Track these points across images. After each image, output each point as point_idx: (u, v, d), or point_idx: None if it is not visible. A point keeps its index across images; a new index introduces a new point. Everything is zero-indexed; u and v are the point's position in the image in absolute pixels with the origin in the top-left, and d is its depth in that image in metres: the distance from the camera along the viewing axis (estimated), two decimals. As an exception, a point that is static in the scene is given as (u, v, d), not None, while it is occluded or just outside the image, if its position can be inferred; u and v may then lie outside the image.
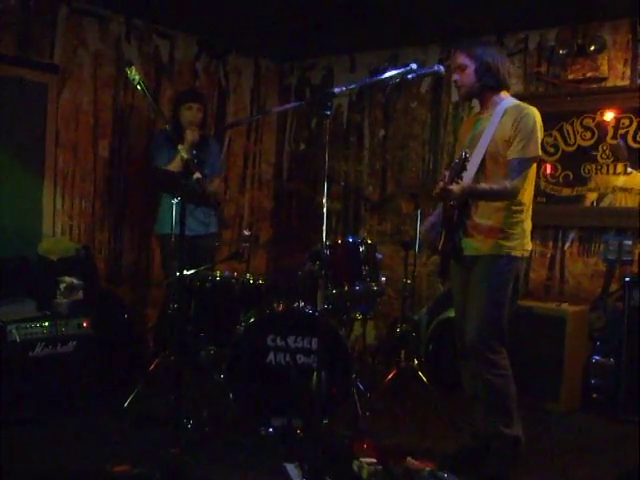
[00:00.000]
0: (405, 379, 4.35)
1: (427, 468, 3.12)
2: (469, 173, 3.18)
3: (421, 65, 3.11)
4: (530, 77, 5.12)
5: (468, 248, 3.26)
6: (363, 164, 5.98)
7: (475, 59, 3.18)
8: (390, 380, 4.32)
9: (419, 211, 4.34)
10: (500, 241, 3.17)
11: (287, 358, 3.67)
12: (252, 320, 3.76)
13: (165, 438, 3.08)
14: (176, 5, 4.82)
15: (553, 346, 4.34)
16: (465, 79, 3.23)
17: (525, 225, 3.23)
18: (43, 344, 3.80)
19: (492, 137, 3.17)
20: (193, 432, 3.54)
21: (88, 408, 3.87)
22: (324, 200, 2.90)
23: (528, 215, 3.26)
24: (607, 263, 4.77)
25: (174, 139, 4.14)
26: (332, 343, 3.63)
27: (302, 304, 3.84)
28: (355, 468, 3.13)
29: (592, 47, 4.75)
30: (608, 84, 4.79)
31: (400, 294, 4.86)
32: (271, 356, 3.67)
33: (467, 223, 3.24)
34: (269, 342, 3.68)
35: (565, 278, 4.98)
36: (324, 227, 2.89)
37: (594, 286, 4.83)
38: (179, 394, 3.10)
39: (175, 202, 3.76)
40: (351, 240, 4.18)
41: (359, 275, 4.03)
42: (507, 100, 3.24)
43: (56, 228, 4.82)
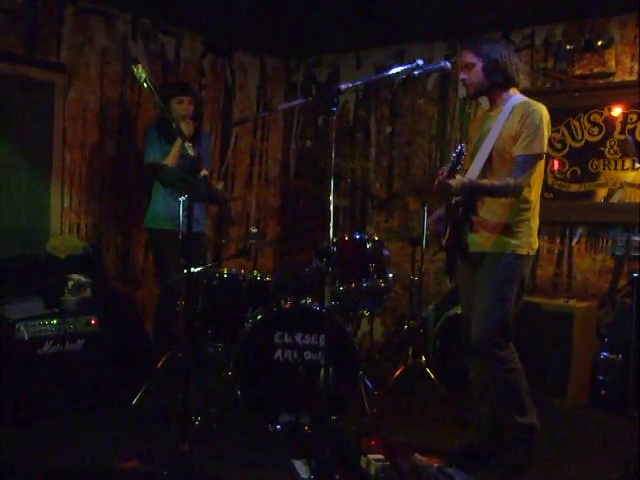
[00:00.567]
0: (413, 376, 4.36)
1: (435, 464, 3.11)
2: (476, 169, 3.17)
3: (427, 61, 3.10)
4: (537, 73, 5.10)
5: (473, 244, 3.26)
6: (370, 161, 5.97)
7: (482, 57, 3.17)
8: (398, 377, 4.33)
9: (426, 208, 4.33)
10: (506, 238, 3.16)
11: (295, 355, 3.68)
12: (259, 317, 3.77)
13: (173, 435, 3.09)
14: (182, 3, 4.82)
15: (561, 342, 4.33)
16: (473, 77, 3.21)
17: (532, 223, 3.21)
18: (51, 342, 3.81)
19: (499, 134, 3.16)
20: (201, 429, 3.55)
21: (96, 405, 3.88)
22: (331, 197, 2.91)
23: (535, 213, 3.24)
24: (615, 259, 4.75)
25: (174, 134, 4.09)
26: (339, 340, 3.64)
27: (309, 301, 3.84)
28: (363, 464, 3.13)
29: (599, 42, 4.73)
30: (615, 79, 4.76)
31: (407, 291, 4.86)
32: (279, 353, 3.68)
33: (473, 219, 3.24)
34: (276, 339, 3.68)
35: (573, 274, 4.97)
36: (331, 224, 2.89)
37: (602, 282, 4.81)
38: (187, 391, 3.10)
39: (182, 199, 3.75)
40: (358, 237, 4.18)
41: (366, 272, 4.03)
42: (516, 97, 3.23)
43: (64, 226, 4.84)
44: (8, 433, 3.41)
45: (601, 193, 4.84)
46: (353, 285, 3.99)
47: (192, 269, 3.69)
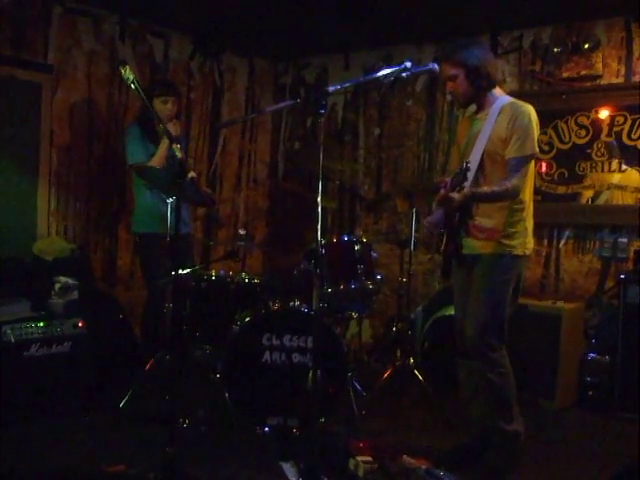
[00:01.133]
0: (401, 377, 4.36)
1: (423, 466, 3.12)
2: (469, 175, 3.18)
3: (416, 63, 3.11)
4: (525, 75, 5.12)
5: (469, 247, 3.26)
6: (358, 163, 5.98)
7: (462, 66, 3.18)
8: (386, 378, 4.32)
9: (414, 210, 4.34)
10: (502, 240, 3.18)
11: (283, 357, 3.67)
12: (247, 319, 3.76)
13: (161, 438, 3.07)
14: (170, 4, 4.81)
15: (548, 344, 4.34)
16: (459, 88, 3.23)
17: (527, 223, 3.24)
18: (38, 344, 3.79)
19: (489, 137, 3.18)
20: (189, 432, 3.54)
21: (83, 408, 3.85)
22: (319, 199, 2.90)
23: (529, 213, 3.27)
24: (602, 260, 4.78)
25: (158, 134, 4.06)
26: (328, 342, 3.63)
27: (297, 303, 3.84)
28: (351, 467, 3.14)
29: (586, 45, 4.76)
30: (602, 82, 4.79)
31: (396, 292, 4.86)
32: (267, 355, 3.67)
33: (469, 223, 3.25)
34: (264, 341, 3.67)
35: (560, 276, 4.99)
36: (319, 226, 2.89)
37: (589, 284, 4.84)
38: (175, 394, 3.09)
39: (170, 201, 3.74)
40: (346, 239, 4.18)
41: (354, 274, 4.04)
42: (502, 98, 3.24)
43: (51, 228, 4.81)
44: (-7, 436, 3.39)
45: (586, 195, 4.87)
46: (341, 287, 3.99)
47: (180, 271, 3.68)
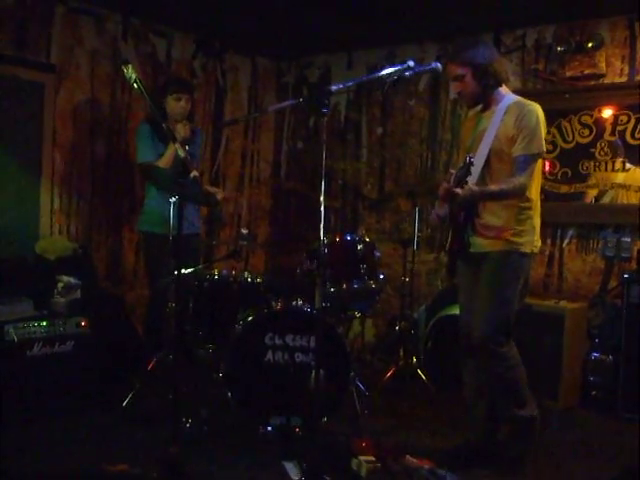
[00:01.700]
0: (404, 377, 4.36)
1: (426, 466, 3.12)
2: (475, 171, 3.17)
3: (418, 62, 3.11)
4: (528, 74, 5.11)
5: (476, 245, 3.26)
6: (361, 162, 5.97)
7: (469, 65, 3.17)
8: (389, 378, 4.32)
9: (417, 209, 4.33)
10: (510, 238, 3.19)
11: (285, 356, 3.67)
12: (250, 319, 3.76)
13: (163, 437, 3.07)
14: (173, 4, 4.81)
15: (552, 343, 4.34)
16: (466, 88, 3.23)
17: (534, 221, 3.25)
18: (41, 344, 3.79)
19: (495, 135, 3.18)
20: (192, 431, 3.54)
21: (86, 407, 3.86)
22: (322, 198, 2.90)
23: (537, 211, 3.28)
24: (605, 260, 4.77)
25: (167, 136, 4.06)
26: (330, 341, 3.63)
27: (300, 302, 3.84)
28: (354, 466, 3.13)
29: (590, 44, 4.74)
30: (606, 81, 4.78)
31: (399, 292, 4.86)
32: (269, 355, 3.67)
33: (476, 221, 3.24)
34: (267, 341, 3.67)
35: (564, 275, 4.98)
36: (322, 225, 2.89)
37: (592, 283, 4.82)
38: (177, 393, 3.09)
39: (173, 200, 3.72)
40: (349, 238, 4.17)
41: (357, 273, 4.03)
42: (508, 97, 3.24)
43: (53, 228, 4.81)
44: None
45: (591, 194, 4.85)
46: (344, 286, 3.98)
47: (183, 270, 3.67)
